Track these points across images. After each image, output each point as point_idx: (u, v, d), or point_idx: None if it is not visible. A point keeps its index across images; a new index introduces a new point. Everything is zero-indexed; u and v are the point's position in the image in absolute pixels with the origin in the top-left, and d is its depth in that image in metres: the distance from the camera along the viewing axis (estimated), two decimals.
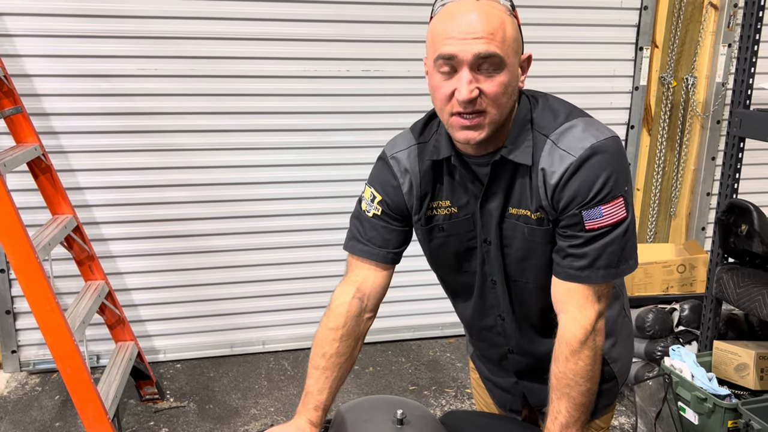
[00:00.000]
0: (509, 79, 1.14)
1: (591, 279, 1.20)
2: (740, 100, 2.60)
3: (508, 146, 1.21)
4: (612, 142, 1.18)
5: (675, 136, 3.66)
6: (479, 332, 1.46)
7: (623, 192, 1.18)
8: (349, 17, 3.13)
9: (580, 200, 1.17)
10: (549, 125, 1.21)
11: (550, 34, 3.34)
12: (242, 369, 3.26)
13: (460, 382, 3.15)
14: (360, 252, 1.36)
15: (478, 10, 1.11)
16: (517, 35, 1.16)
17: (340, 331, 1.32)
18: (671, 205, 3.76)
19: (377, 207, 1.34)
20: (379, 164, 1.37)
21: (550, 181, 1.18)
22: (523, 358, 1.42)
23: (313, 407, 1.28)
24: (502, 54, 1.11)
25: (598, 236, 1.18)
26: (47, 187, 2.69)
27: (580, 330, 1.20)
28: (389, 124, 3.24)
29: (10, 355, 3.16)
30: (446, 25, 1.12)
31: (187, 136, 3.12)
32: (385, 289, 1.39)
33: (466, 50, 1.10)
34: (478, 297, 1.39)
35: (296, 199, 3.31)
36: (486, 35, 1.10)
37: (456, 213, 1.31)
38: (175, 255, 3.24)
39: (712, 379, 2.51)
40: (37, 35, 2.87)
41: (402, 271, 1.64)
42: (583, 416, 1.23)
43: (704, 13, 3.50)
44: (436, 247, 1.37)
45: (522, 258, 1.28)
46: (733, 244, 2.63)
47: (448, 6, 1.14)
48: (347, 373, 1.35)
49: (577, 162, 1.16)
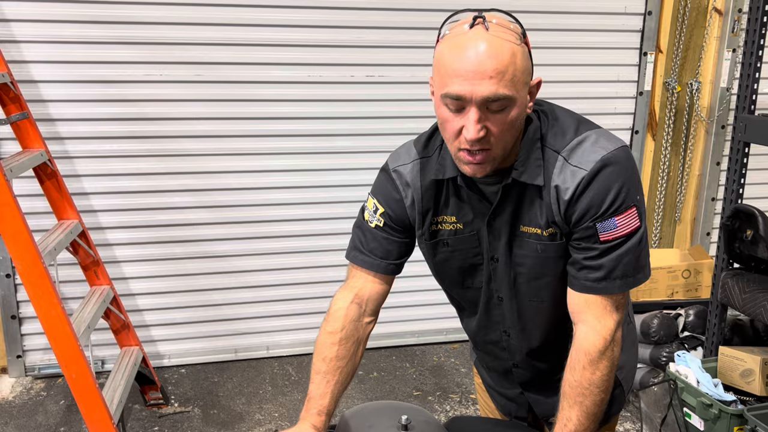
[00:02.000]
0: (517, 114, 1.13)
1: (608, 290, 1.20)
2: (745, 105, 2.60)
3: (518, 168, 1.20)
4: (622, 153, 1.18)
5: (679, 141, 3.66)
6: (484, 345, 1.46)
7: (636, 202, 1.18)
8: (354, 23, 3.14)
9: (593, 213, 1.17)
10: (559, 142, 1.20)
11: (554, 39, 3.34)
12: (246, 374, 3.26)
13: (465, 387, 3.15)
14: (361, 262, 1.36)
15: (488, 44, 1.07)
16: (527, 64, 1.13)
17: (338, 335, 1.32)
18: (676, 210, 3.76)
19: (379, 218, 1.34)
20: (382, 176, 1.36)
21: (563, 197, 1.18)
22: (527, 372, 1.42)
23: (316, 412, 1.28)
24: (511, 94, 1.09)
25: (613, 247, 1.18)
26: (53, 192, 2.70)
27: (599, 340, 1.20)
28: (393, 129, 3.25)
29: (16, 359, 3.17)
30: (454, 58, 1.09)
31: (192, 141, 3.13)
32: (385, 296, 1.39)
33: (474, 92, 1.07)
34: (483, 312, 1.39)
35: (301, 204, 3.31)
36: (495, 75, 1.06)
37: (461, 229, 1.30)
38: (180, 260, 3.25)
39: (717, 385, 2.50)
40: (44, 41, 2.89)
41: (406, 276, 1.64)
42: (593, 425, 1.22)
43: (708, 18, 3.50)
44: (441, 262, 1.37)
45: (536, 277, 1.28)
46: (739, 249, 2.62)
47: (457, 35, 1.10)
48: (349, 378, 1.35)
49: (588, 176, 1.16)
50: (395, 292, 1.43)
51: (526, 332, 1.36)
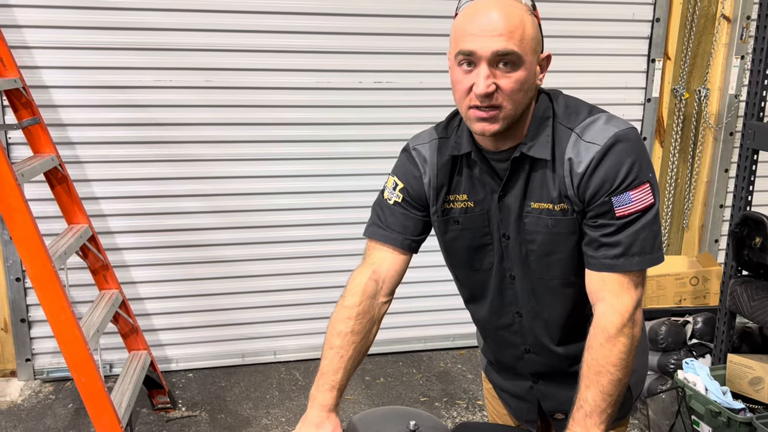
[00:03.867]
0: (526, 77, 1.18)
1: (626, 267, 1.22)
2: (753, 112, 2.60)
3: (527, 143, 1.25)
4: (633, 132, 1.23)
5: (687, 148, 3.65)
6: (495, 333, 1.46)
7: (648, 178, 1.22)
8: (362, 29, 3.16)
9: (608, 187, 1.20)
10: (573, 120, 1.26)
11: (563, 45, 3.34)
12: (254, 379, 3.27)
13: (472, 393, 3.14)
14: (379, 236, 1.39)
15: (499, 8, 1.15)
16: (537, 34, 1.20)
17: (355, 309, 1.33)
18: (684, 217, 3.75)
19: (398, 194, 1.38)
20: (402, 155, 1.42)
21: (577, 170, 1.22)
22: (539, 357, 1.42)
23: (328, 387, 1.28)
24: (519, 52, 1.15)
25: (629, 222, 1.21)
26: (63, 196, 2.72)
27: (617, 317, 1.21)
28: (401, 135, 3.20)
29: (25, 363, 3.18)
30: (468, 21, 1.17)
31: (201, 146, 3.15)
32: (401, 275, 1.41)
33: (485, 47, 1.15)
34: (496, 294, 1.40)
35: (309, 210, 3.33)
36: (505, 33, 1.14)
37: (472, 207, 1.34)
38: (188, 264, 3.26)
39: (726, 393, 2.49)
40: (55, 47, 2.92)
41: (413, 282, 1.65)
42: (610, 408, 1.20)
43: (717, 25, 3.50)
44: (450, 240, 1.40)
45: (547, 253, 1.30)
46: (747, 256, 2.61)
47: (471, 4, 1.19)
48: (361, 356, 1.35)
49: (602, 150, 1.20)
50: (401, 298, 1.44)
51: (538, 311, 1.37)
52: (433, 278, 3.25)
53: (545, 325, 1.38)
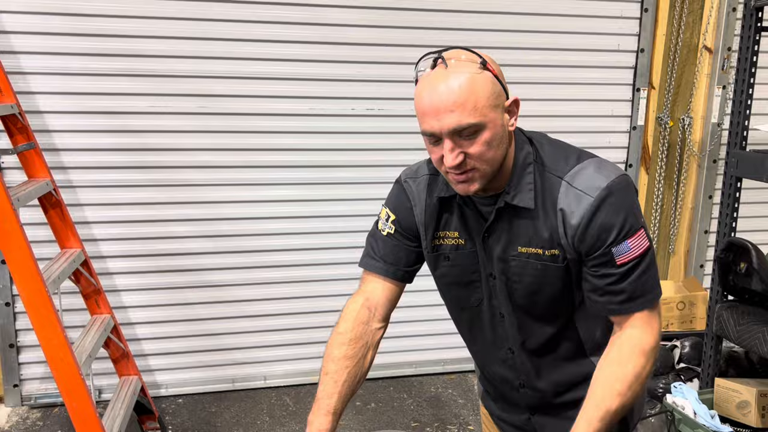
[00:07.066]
0: (492, 135, 1.18)
1: (631, 310, 1.26)
2: (736, 141, 2.67)
3: (510, 191, 1.27)
4: (624, 179, 1.24)
5: (672, 175, 3.72)
6: (491, 369, 1.49)
7: (642, 224, 1.25)
8: (354, 57, 3.22)
9: (605, 238, 1.22)
10: (561, 167, 1.26)
11: (550, 75, 3.43)
12: (244, 404, 3.25)
13: (462, 418, 3.15)
14: (372, 268, 1.43)
15: (447, 81, 1.16)
16: (493, 89, 1.18)
17: (348, 335, 1.37)
18: (670, 243, 3.81)
19: (391, 226, 1.42)
20: (395, 187, 1.45)
21: (570, 221, 1.23)
22: (533, 392, 1.44)
23: (324, 413, 1.31)
24: (475, 121, 1.15)
25: (631, 269, 1.24)
26: (57, 221, 2.72)
27: (651, 338, 1.25)
28: (392, 161, 3.30)
29: (12, 389, 3.15)
30: (421, 99, 1.19)
31: (193, 171, 3.17)
32: (394, 303, 1.45)
33: (441, 126, 1.16)
34: (489, 331, 1.42)
35: (299, 234, 3.34)
36: (456, 108, 1.14)
37: (463, 245, 1.37)
38: (179, 289, 3.26)
39: (714, 417, 2.52)
40: (51, 73, 2.94)
41: (403, 307, 1.67)
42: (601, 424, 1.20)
43: (699, 56, 3.60)
44: (440, 276, 1.43)
45: (533, 292, 1.32)
46: (733, 281, 2.66)
47: (423, 78, 1.21)
48: (357, 381, 1.37)
49: (595, 203, 1.21)
50: (392, 323, 1.47)
51: (526, 347, 1.39)
52: (422, 303, 3.26)
53: (536, 360, 1.40)
